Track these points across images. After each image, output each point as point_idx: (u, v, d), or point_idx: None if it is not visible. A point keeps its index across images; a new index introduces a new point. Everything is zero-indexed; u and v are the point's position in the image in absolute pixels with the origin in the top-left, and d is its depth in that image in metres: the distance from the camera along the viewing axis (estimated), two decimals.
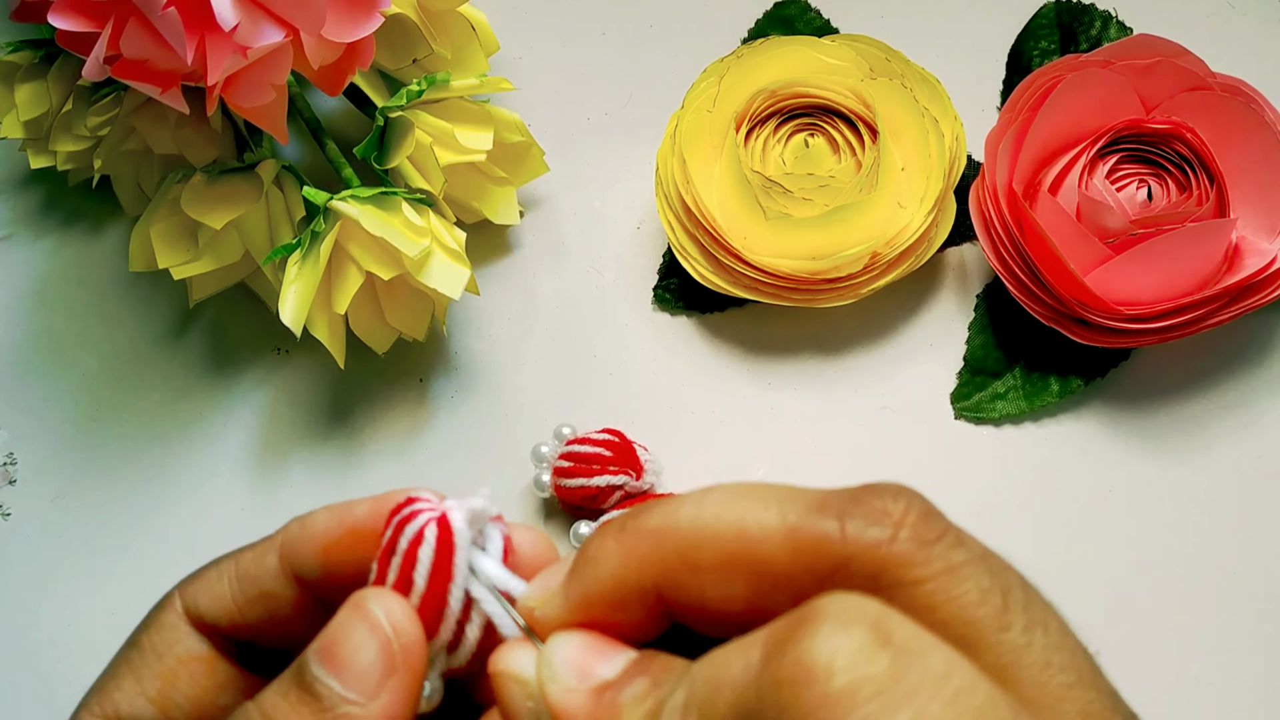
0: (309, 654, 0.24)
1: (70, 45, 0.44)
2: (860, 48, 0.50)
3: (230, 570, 0.28)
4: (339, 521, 0.26)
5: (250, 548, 0.28)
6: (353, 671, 0.23)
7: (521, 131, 0.50)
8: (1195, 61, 0.48)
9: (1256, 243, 0.47)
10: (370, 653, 0.23)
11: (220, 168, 0.48)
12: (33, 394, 0.52)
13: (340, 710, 0.23)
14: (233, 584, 0.27)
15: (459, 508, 0.25)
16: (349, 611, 0.24)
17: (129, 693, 0.27)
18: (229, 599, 0.27)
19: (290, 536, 0.27)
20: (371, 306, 0.48)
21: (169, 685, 0.27)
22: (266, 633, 0.28)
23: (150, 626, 0.28)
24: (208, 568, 0.28)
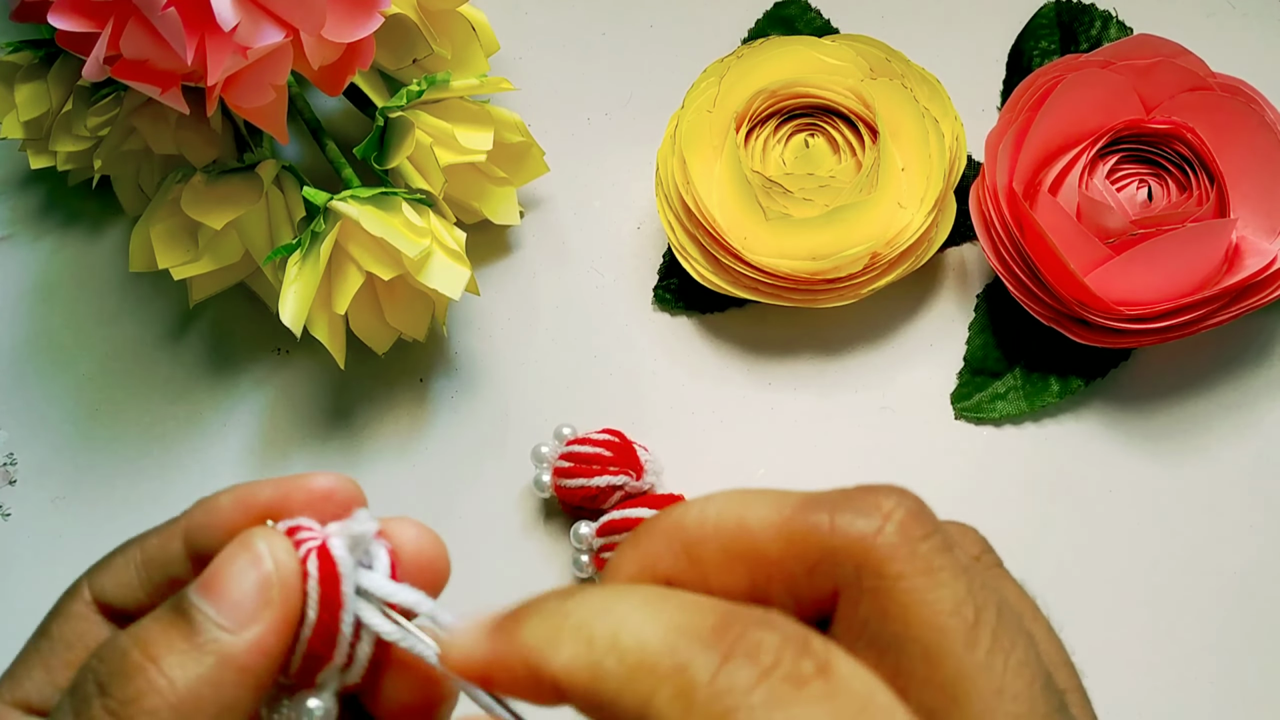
0: (190, 584, 0.24)
1: (70, 45, 0.44)
2: (860, 48, 0.50)
3: (136, 556, 0.27)
4: (243, 507, 0.26)
5: (155, 532, 0.27)
6: (229, 600, 0.23)
7: (521, 131, 0.50)
8: (1195, 61, 0.48)
9: (1257, 243, 0.47)
10: (248, 583, 0.23)
11: (220, 168, 0.48)
12: (33, 394, 0.52)
13: (210, 635, 0.23)
14: (139, 570, 0.27)
15: (339, 534, 0.24)
16: (235, 546, 0.24)
17: (39, 681, 0.26)
18: (136, 585, 0.27)
19: (194, 522, 0.26)
20: (371, 307, 0.48)
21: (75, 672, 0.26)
22: None
23: (59, 615, 0.27)
24: (115, 554, 0.27)
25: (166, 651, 0.23)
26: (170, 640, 0.23)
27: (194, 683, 0.22)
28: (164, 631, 0.23)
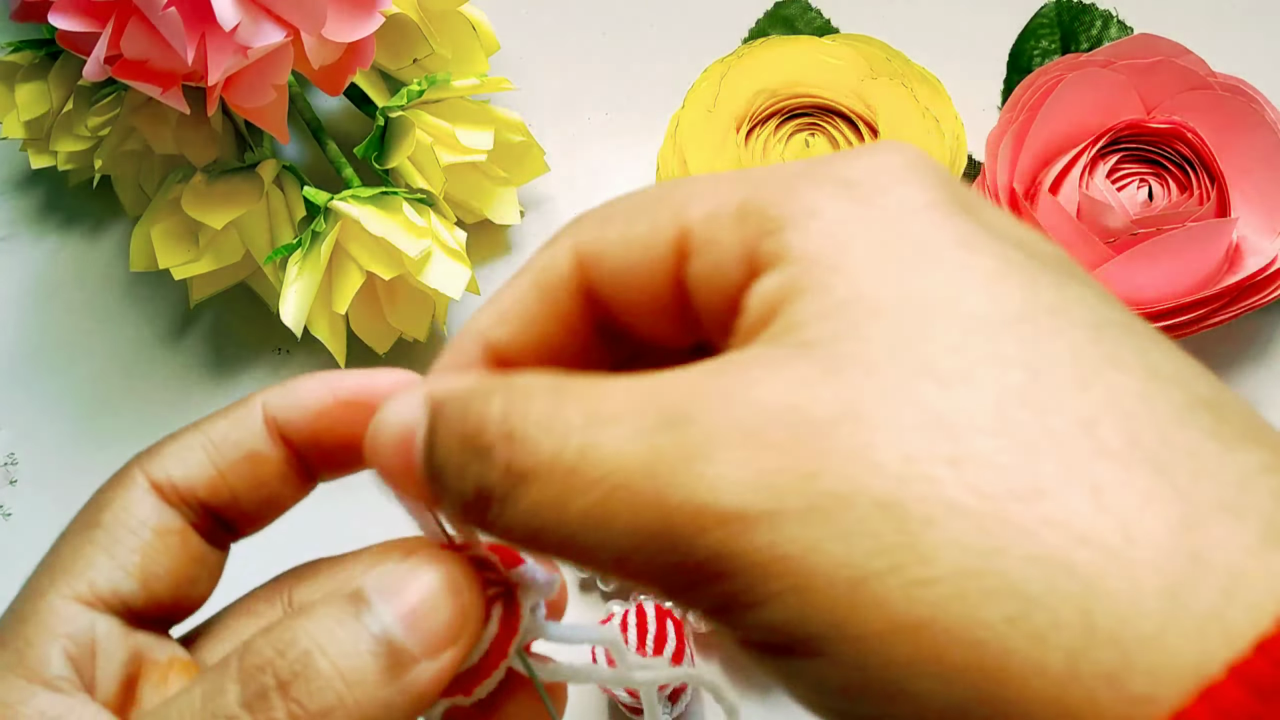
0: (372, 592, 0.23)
1: (71, 45, 0.44)
2: (861, 48, 0.50)
3: (200, 440, 0.27)
4: (330, 390, 0.27)
5: (219, 416, 0.27)
6: (425, 631, 0.23)
7: (522, 131, 0.50)
8: (1196, 61, 0.48)
9: (1257, 242, 0.47)
10: (445, 614, 0.23)
11: (221, 168, 0.48)
12: (33, 394, 0.52)
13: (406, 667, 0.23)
14: (210, 450, 0.27)
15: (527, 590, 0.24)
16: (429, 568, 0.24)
17: (104, 569, 0.26)
18: (209, 464, 0.27)
19: (275, 401, 0.27)
20: (372, 306, 0.48)
21: (148, 559, 0.26)
22: (244, 497, 0.27)
23: (112, 505, 0.26)
24: (165, 443, 0.27)
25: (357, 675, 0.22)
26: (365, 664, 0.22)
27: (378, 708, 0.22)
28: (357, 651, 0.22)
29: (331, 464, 0.28)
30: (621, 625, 0.44)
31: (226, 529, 0.28)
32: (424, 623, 0.23)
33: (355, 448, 0.26)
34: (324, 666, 0.22)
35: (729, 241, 0.22)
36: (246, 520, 0.28)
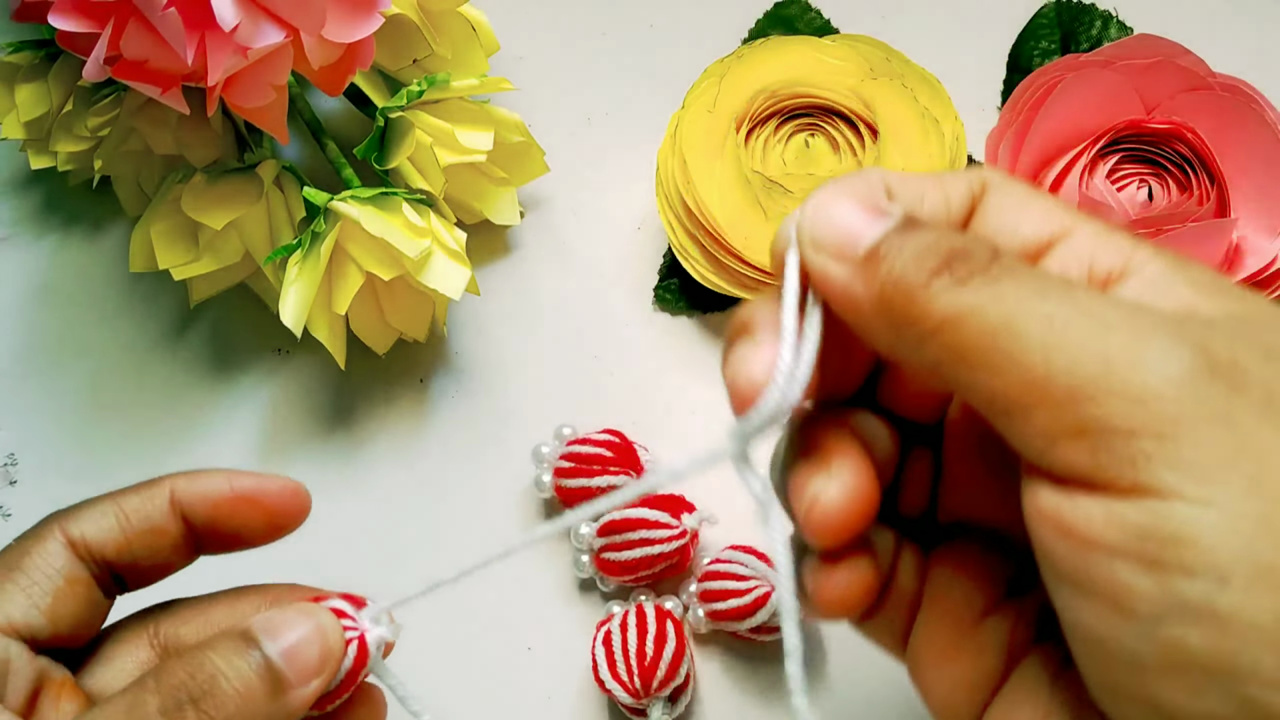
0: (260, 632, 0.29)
1: (71, 46, 0.44)
2: (861, 48, 0.50)
3: (114, 509, 0.33)
4: (229, 486, 0.33)
5: (129, 493, 0.33)
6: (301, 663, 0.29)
7: (522, 131, 0.50)
8: (1196, 61, 0.48)
9: (1257, 242, 0.47)
10: (315, 651, 0.30)
11: (221, 168, 0.48)
12: (33, 394, 0.52)
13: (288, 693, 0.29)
14: (121, 519, 0.32)
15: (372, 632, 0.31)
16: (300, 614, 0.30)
17: (21, 605, 0.31)
18: (118, 530, 0.32)
19: (182, 486, 0.33)
20: (372, 307, 0.48)
21: (59, 602, 0.31)
22: (142, 562, 0.33)
23: (30, 552, 0.32)
24: (83, 507, 0.33)
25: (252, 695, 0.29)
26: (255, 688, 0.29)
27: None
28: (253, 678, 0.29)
29: (218, 545, 0.34)
30: (621, 625, 0.44)
31: (119, 584, 0.33)
32: (299, 659, 0.29)
33: (239, 536, 0.33)
34: (225, 686, 0.28)
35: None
36: (137, 579, 0.33)
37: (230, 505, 0.33)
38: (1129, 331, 0.23)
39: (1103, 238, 0.26)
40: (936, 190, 0.28)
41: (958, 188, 0.28)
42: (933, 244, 0.25)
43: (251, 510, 0.33)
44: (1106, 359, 0.23)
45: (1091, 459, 0.22)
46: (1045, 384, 0.23)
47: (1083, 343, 0.23)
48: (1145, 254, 0.26)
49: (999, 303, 0.24)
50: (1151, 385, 0.22)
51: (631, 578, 0.45)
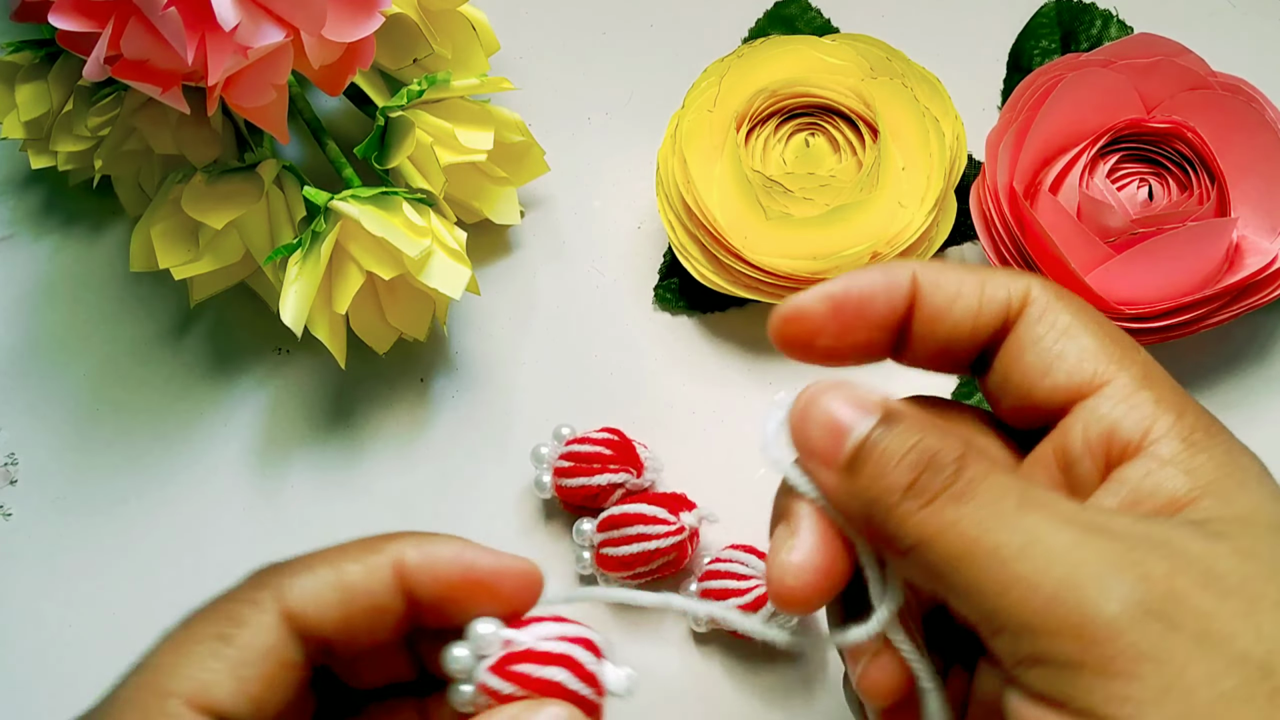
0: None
1: (71, 45, 0.44)
2: (861, 47, 0.50)
3: (333, 577, 0.28)
4: (466, 566, 0.29)
5: (353, 558, 0.28)
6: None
7: (522, 131, 0.50)
8: (1196, 60, 0.48)
9: (1257, 242, 0.47)
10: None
11: (221, 168, 0.48)
12: (34, 394, 0.52)
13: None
14: (341, 593, 0.28)
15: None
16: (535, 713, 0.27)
17: (230, 690, 0.27)
18: (334, 607, 0.28)
19: (412, 560, 0.28)
20: (372, 306, 0.48)
21: (268, 689, 0.27)
22: (356, 643, 0.28)
23: (244, 623, 0.27)
24: (303, 570, 0.28)
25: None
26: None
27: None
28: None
29: (438, 623, 0.29)
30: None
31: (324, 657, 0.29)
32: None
33: (465, 617, 0.29)
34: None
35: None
36: (343, 655, 0.29)
37: (464, 588, 0.29)
38: (1077, 563, 0.25)
39: (1129, 401, 0.28)
40: (973, 293, 0.29)
41: (995, 296, 0.29)
42: (903, 454, 0.27)
43: (485, 595, 0.29)
44: (1054, 595, 0.25)
45: (1048, 685, 0.25)
46: (1004, 615, 0.25)
47: (1034, 578, 0.25)
48: (1164, 425, 0.28)
49: (959, 530, 0.26)
50: (1091, 625, 0.24)
51: (629, 574, 0.45)
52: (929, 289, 0.30)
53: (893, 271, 0.30)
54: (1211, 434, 0.28)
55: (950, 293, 0.29)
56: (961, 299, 0.29)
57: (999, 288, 0.29)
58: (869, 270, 0.30)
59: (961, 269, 0.30)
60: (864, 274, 0.30)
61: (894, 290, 0.30)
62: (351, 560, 0.28)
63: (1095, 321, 0.29)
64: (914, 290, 0.30)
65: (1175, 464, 0.27)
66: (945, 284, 0.29)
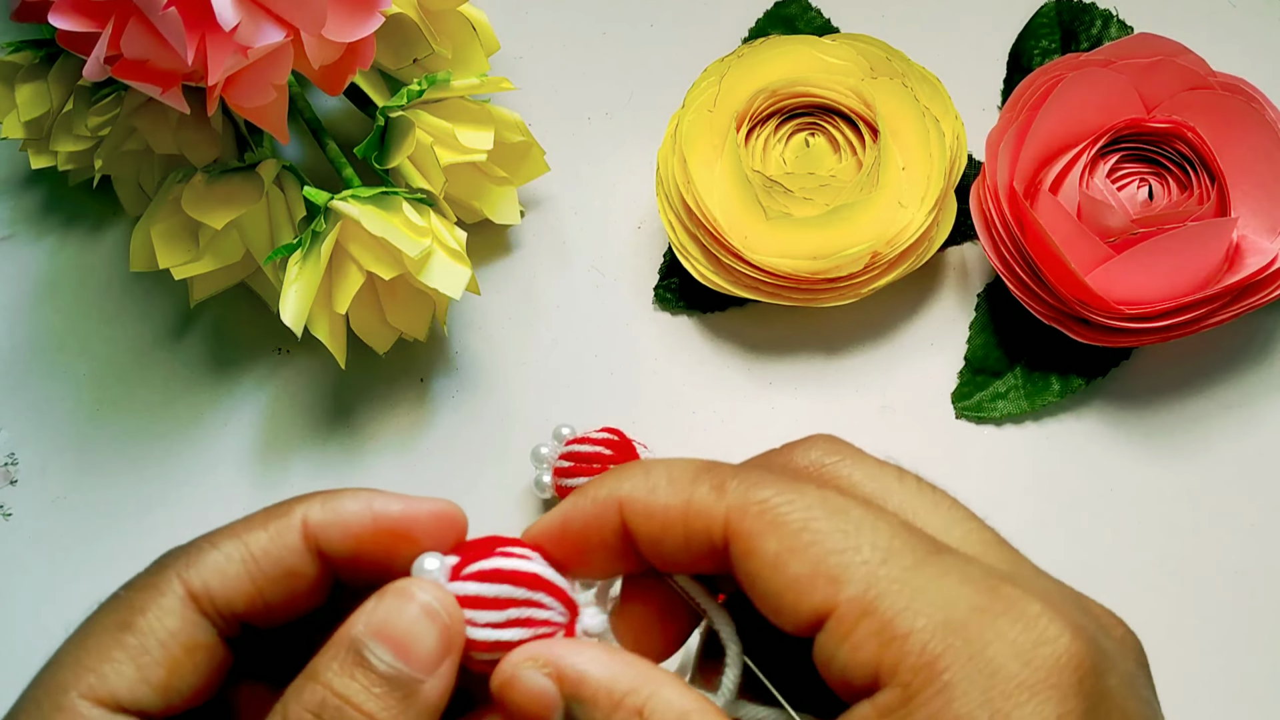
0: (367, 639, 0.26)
1: (71, 45, 0.44)
2: (861, 47, 0.50)
3: (240, 552, 0.28)
4: (370, 515, 0.28)
5: (257, 528, 0.28)
6: (418, 656, 0.26)
7: (522, 131, 0.50)
8: (1196, 60, 0.48)
9: (1257, 242, 0.47)
10: (431, 638, 0.26)
11: (221, 168, 0.48)
12: (34, 394, 0.52)
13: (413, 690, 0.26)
14: (250, 565, 0.28)
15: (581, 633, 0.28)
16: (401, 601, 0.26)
17: (130, 679, 0.27)
18: (247, 579, 0.28)
19: (316, 519, 0.28)
20: (372, 306, 0.48)
21: (173, 674, 0.27)
22: (278, 610, 0.28)
23: (145, 610, 0.27)
24: (205, 550, 0.28)
25: (381, 710, 0.25)
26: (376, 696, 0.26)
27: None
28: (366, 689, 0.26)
29: (359, 579, 0.29)
30: None
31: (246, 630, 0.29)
32: (416, 650, 0.26)
33: (384, 570, 0.28)
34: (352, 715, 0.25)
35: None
36: (268, 625, 0.29)
37: (374, 539, 0.28)
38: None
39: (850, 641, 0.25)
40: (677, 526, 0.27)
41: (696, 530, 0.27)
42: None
43: (399, 544, 0.28)
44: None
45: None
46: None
47: None
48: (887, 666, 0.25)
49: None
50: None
51: None
52: (637, 522, 0.27)
53: (601, 503, 0.28)
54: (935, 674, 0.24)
55: (658, 525, 0.27)
56: (669, 533, 0.27)
57: (698, 519, 0.27)
58: (583, 499, 0.28)
59: (668, 489, 0.27)
60: (578, 504, 0.28)
61: (605, 524, 0.28)
62: (257, 529, 0.28)
63: (800, 530, 0.26)
64: (623, 524, 0.27)
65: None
66: (652, 514, 0.27)
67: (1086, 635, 0.25)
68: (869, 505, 0.26)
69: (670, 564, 0.28)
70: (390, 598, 0.26)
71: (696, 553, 0.27)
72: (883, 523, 0.26)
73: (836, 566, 0.25)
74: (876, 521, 0.26)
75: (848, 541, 0.25)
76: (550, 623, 0.27)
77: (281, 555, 0.28)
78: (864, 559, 0.25)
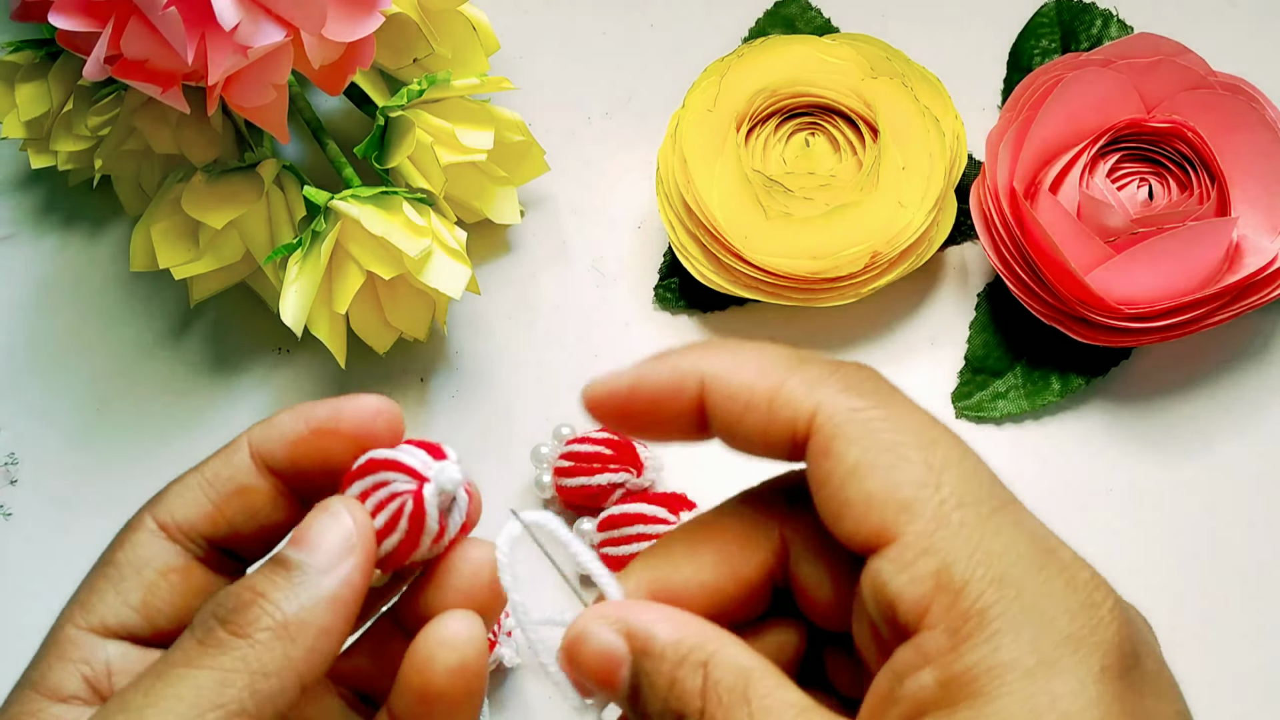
0: (286, 541, 0.28)
1: (71, 45, 0.44)
2: (861, 47, 0.50)
3: (197, 479, 0.31)
4: (303, 420, 0.30)
5: (211, 459, 0.31)
6: (319, 550, 0.28)
7: (522, 131, 0.50)
8: (1196, 60, 0.48)
9: (1257, 241, 0.47)
10: (334, 536, 0.28)
11: (221, 167, 0.48)
12: (34, 394, 0.52)
13: (307, 576, 0.27)
14: (206, 488, 0.30)
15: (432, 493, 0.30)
16: (318, 511, 0.28)
17: (113, 605, 0.29)
18: (205, 501, 0.30)
19: (257, 436, 0.31)
20: (372, 306, 0.48)
21: (152, 595, 0.29)
22: (242, 528, 0.30)
23: (123, 545, 0.30)
24: (170, 487, 0.31)
25: (272, 589, 0.27)
26: (274, 583, 0.27)
27: (297, 611, 0.27)
28: (268, 577, 0.27)
29: (313, 488, 0.30)
30: None
31: (234, 558, 0.31)
32: (314, 544, 0.28)
33: (331, 472, 0.30)
34: (247, 595, 0.27)
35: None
36: (248, 547, 0.31)
37: (309, 442, 0.30)
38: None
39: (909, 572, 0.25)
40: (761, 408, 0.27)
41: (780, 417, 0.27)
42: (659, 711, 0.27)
43: (334, 441, 0.30)
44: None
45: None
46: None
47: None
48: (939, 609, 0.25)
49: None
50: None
51: None
52: (717, 398, 0.28)
53: (682, 373, 0.28)
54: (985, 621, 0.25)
55: (740, 404, 0.28)
56: (751, 413, 0.27)
57: (785, 407, 0.27)
58: (662, 365, 0.29)
59: (757, 372, 0.28)
60: (655, 370, 0.29)
61: (681, 394, 0.29)
62: (212, 459, 0.31)
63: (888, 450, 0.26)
64: (701, 396, 0.28)
65: (937, 665, 0.25)
66: (736, 394, 0.28)
67: (1129, 610, 0.26)
68: (958, 442, 0.27)
69: (742, 444, 0.28)
70: (313, 510, 0.29)
71: (773, 440, 0.27)
72: (968, 463, 0.26)
73: (912, 497, 0.25)
74: (962, 461, 0.26)
75: (930, 476, 0.26)
76: (397, 493, 0.29)
77: (232, 474, 0.30)
78: (941, 498, 0.25)
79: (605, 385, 0.30)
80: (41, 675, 0.29)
